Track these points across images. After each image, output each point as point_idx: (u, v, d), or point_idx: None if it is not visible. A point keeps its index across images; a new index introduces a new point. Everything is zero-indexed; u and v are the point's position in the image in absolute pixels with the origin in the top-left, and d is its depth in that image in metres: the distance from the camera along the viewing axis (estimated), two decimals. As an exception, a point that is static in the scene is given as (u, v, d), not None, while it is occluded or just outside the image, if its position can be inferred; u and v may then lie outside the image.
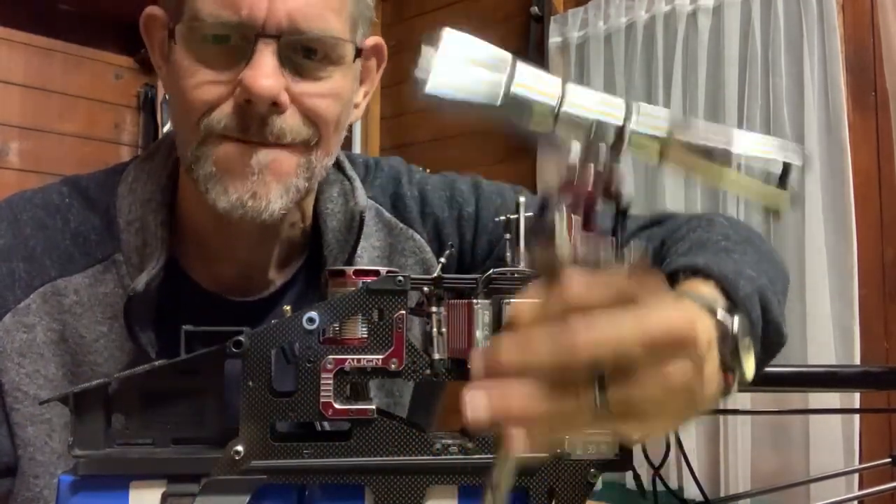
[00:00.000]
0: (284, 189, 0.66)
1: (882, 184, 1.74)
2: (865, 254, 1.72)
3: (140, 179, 0.73)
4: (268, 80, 0.62)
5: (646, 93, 2.06)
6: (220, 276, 0.75)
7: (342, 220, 0.76)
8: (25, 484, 0.70)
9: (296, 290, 0.77)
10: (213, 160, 0.65)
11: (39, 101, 2.39)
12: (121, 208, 0.72)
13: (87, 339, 0.70)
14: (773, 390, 0.65)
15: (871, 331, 1.70)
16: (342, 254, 0.75)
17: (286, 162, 0.66)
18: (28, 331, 0.69)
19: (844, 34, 1.78)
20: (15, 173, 2.34)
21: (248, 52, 0.63)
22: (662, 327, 0.39)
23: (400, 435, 0.51)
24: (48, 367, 0.70)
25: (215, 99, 0.64)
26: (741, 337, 0.48)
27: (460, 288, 0.54)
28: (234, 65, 0.63)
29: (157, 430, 0.52)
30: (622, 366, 0.39)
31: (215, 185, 0.65)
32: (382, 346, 0.51)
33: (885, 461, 0.69)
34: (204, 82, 0.64)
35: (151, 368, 0.52)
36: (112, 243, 0.72)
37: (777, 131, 1.81)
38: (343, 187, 0.78)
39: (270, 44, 0.63)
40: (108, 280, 0.71)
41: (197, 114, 0.64)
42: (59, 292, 0.70)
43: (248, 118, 0.64)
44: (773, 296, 0.59)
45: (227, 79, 0.64)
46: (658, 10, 2.03)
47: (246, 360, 0.50)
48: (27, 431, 0.69)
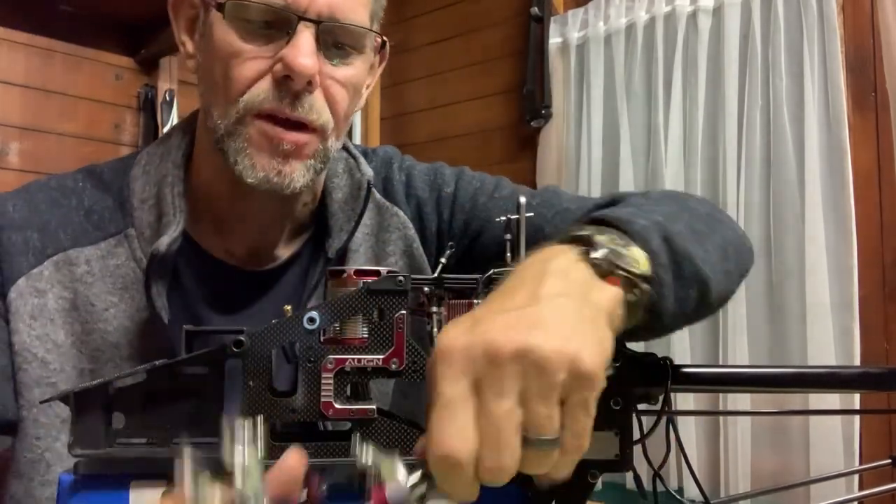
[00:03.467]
0: (305, 169, 0.72)
1: (882, 184, 1.75)
2: (865, 254, 1.72)
3: (153, 162, 0.78)
4: (307, 58, 0.68)
5: (646, 94, 2.06)
6: (231, 248, 0.80)
7: (347, 192, 0.82)
8: (28, 445, 0.72)
9: (302, 262, 0.82)
10: (246, 137, 0.71)
11: (39, 102, 2.39)
12: (134, 189, 0.77)
13: (97, 307, 0.74)
14: (773, 391, 0.65)
15: (871, 331, 1.70)
16: (348, 223, 0.81)
17: (309, 146, 0.72)
18: (40, 296, 0.73)
19: (844, 34, 1.78)
20: (15, 173, 2.34)
21: (289, 32, 0.69)
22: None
23: (400, 434, 0.51)
24: (57, 332, 0.73)
25: (256, 75, 0.70)
26: (604, 245, 0.52)
27: (460, 288, 0.54)
28: (272, 43, 0.70)
29: (157, 429, 0.52)
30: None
31: (244, 160, 0.71)
32: (383, 346, 0.51)
33: (886, 462, 0.69)
34: (247, 59, 0.70)
35: (152, 368, 0.52)
36: (125, 220, 0.76)
37: (777, 131, 1.81)
38: (348, 164, 0.84)
39: (310, 27, 0.69)
40: (121, 253, 0.75)
41: (239, 87, 0.70)
42: (71, 261, 0.74)
43: (284, 93, 0.70)
44: (686, 237, 0.59)
45: (267, 55, 0.70)
46: (658, 10, 2.03)
47: (246, 359, 0.50)
48: (33, 393, 0.72)
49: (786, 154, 1.79)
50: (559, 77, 2.25)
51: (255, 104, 0.70)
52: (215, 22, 0.71)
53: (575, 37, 2.21)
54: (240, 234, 0.80)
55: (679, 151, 1.96)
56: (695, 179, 1.93)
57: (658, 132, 1.99)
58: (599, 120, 2.13)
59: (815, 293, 1.70)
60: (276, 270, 0.81)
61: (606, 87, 2.14)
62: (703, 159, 1.93)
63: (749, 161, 1.84)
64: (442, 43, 2.64)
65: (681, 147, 1.96)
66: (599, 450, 0.53)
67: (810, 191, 1.74)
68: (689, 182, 1.94)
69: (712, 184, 1.92)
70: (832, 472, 1.55)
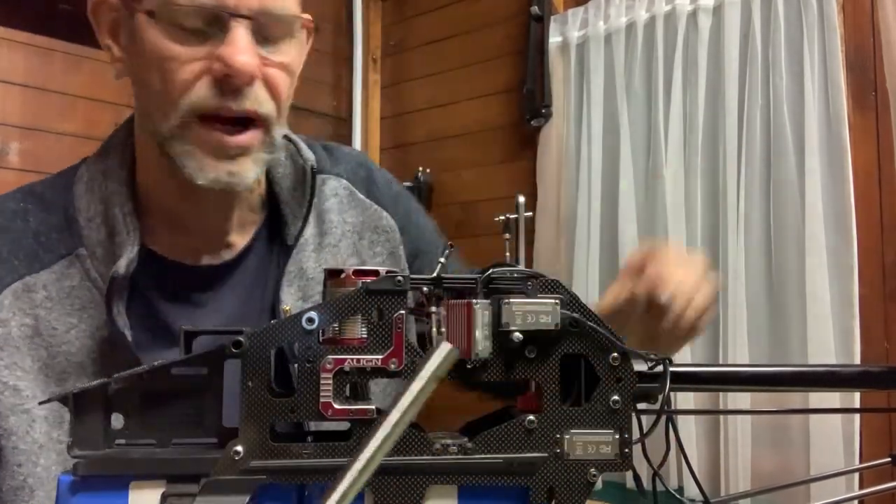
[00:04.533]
0: (254, 163, 0.73)
1: (882, 184, 1.74)
2: (865, 254, 1.72)
3: (96, 179, 0.78)
4: (246, 55, 0.69)
5: (646, 93, 2.06)
6: (185, 244, 0.80)
7: (293, 179, 0.84)
8: (10, 472, 0.72)
9: (258, 251, 0.84)
10: (192, 140, 0.71)
11: (39, 101, 2.39)
12: (80, 207, 0.76)
13: (59, 330, 0.73)
14: (773, 390, 0.65)
15: (871, 331, 1.70)
16: (300, 209, 0.83)
17: (255, 141, 0.73)
18: (3, 325, 0.73)
19: (844, 34, 1.78)
20: (15, 173, 2.34)
21: (223, 30, 0.69)
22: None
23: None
24: (24, 359, 0.73)
25: (193, 77, 0.69)
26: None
27: (460, 288, 0.54)
28: (206, 43, 0.69)
29: (157, 430, 0.52)
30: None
31: (192, 163, 0.71)
32: (382, 347, 0.51)
33: (886, 461, 0.69)
34: (181, 61, 0.69)
35: (151, 368, 0.52)
36: (73, 239, 0.76)
37: (777, 131, 1.81)
38: (289, 150, 0.85)
39: (243, 23, 0.69)
40: (74, 274, 0.75)
41: (178, 91, 0.69)
42: (29, 288, 0.74)
43: (226, 90, 0.70)
44: None
45: (201, 55, 0.69)
46: (658, 9, 2.03)
47: (245, 360, 0.50)
48: (9, 421, 0.71)
49: (786, 153, 1.79)
50: (559, 76, 2.25)
51: (197, 106, 0.70)
52: (144, 26, 0.70)
53: (575, 36, 2.21)
54: (194, 229, 0.80)
55: (679, 150, 1.96)
56: (694, 179, 1.93)
57: (658, 131, 1.99)
58: (599, 119, 2.13)
59: (815, 293, 1.70)
60: (232, 263, 0.82)
61: (606, 87, 2.13)
62: (703, 158, 1.93)
63: (749, 160, 1.84)
64: (442, 42, 2.64)
65: (681, 146, 1.96)
66: (599, 449, 0.53)
67: (810, 190, 1.74)
68: (689, 181, 1.93)
69: (712, 183, 1.92)
70: (832, 470, 1.55)
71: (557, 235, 2.19)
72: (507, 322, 0.51)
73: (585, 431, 0.53)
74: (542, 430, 0.52)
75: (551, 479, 0.52)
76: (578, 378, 0.54)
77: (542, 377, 0.53)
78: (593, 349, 0.53)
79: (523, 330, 0.51)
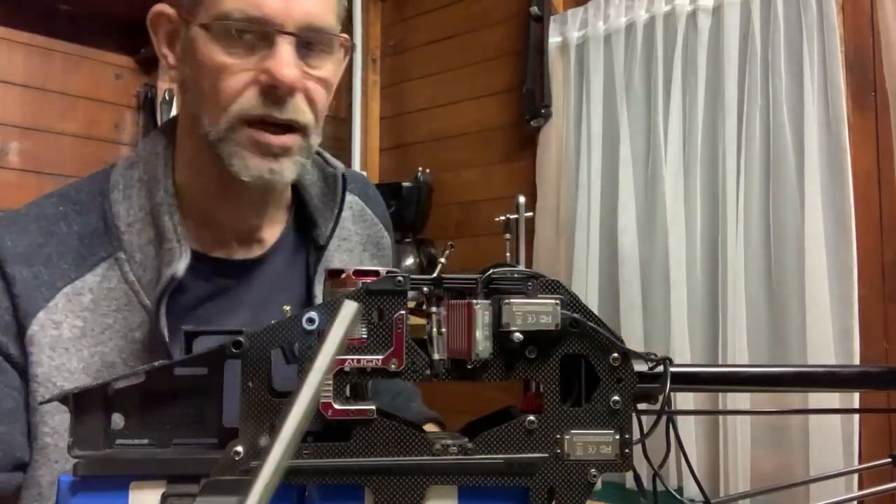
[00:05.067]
0: (293, 164, 0.80)
1: (882, 184, 1.74)
2: (865, 254, 1.72)
3: (133, 186, 0.83)
4: (290, 69, 0.76)
5: (645, 93, 2.06)
6: (219, 239, 0.86)
7: (321, 185, 0.92)
8: (50, 469, 0.76)
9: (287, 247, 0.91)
10: (239, 142, 0.78)
11: (39, 101, 2.39)
12: (118, 213, 0.81)
13: (96, 331, 0.78)
14: (773, 390, 0.65)
15: (871, 331, 1.70)
16: (330, 212, 0.91)
17: (295, 143, 0.80)
18: (56, 327, 0.77)
19: (844, 34, 1.78)
20: (15, 173, 2.34)
21: (270, 44, 0.76)
22: None
23: (400, 435, 0.51)
24: (71, 361, 0.77)
25: (242, 86, 0.76)
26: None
27: (460, 288, 0.54)
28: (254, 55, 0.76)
29: (157, 430, 0.52)
30: None
31: (240, 161, 0.78)
32: (382, 347, 0.51)
33: (885, 461, 0.69)
34: (232, 71, 0.76)
35: (151, 368, 0.52)
36: (113, 243, 0.81)
37: (777, 131, 1.81)
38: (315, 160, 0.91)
39: (288, 38, 0.76)
40: (112, 276, 0.80)
41: (228, 98, 0.76)
42: (78, 292, 0.79)
43: (270, 99, 0.76)
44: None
45: (249, 67, 0.76)
46: (658, 10, 2.03)
47: (245, 360, 0.50)
48: (55, 419, 0.76)
49: (785, 153, 1.79)
50: (559, 76, 2.25)
51: (245, 112, 0.77)
52: (199, 38, 0.77)
53: (575, 36, 2.21)
54: (228, 225, 0.86)
55: (679, 151, 1.96)
56: (694, 179, 1.93)
57: (658, 131, 1.99)
58: (599, 119, 2.13)
59: (814, 293, 1.70)
60: (262, 257, 0.89)
61: (606, 87, 2.13)
62: (703, 158, 1.93)
63: (748, 160, 1.84)
64: (442, 42, 2.64)
65: (680, 146, 1.96)
66: (599, 449, 0.53)
67: (810, 190, 1.74)
68: (689, 181, 1.93)
69: (712, 183, 1.92)
70: (832, 471, 1.55)
71: (557, 235, 2.19)
72: (508, 322, 0.51)
73: (586, 432, 0.53)
74: (543, 431, 0.52)
75: (551, 479, 0.52)
76: (579, 378, 0.54)
77: (542, 377, 0.53)
78: (593, 349, 0.53)
79: (524, 330, 0.51)
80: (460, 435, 0.55)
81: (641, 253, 1.99)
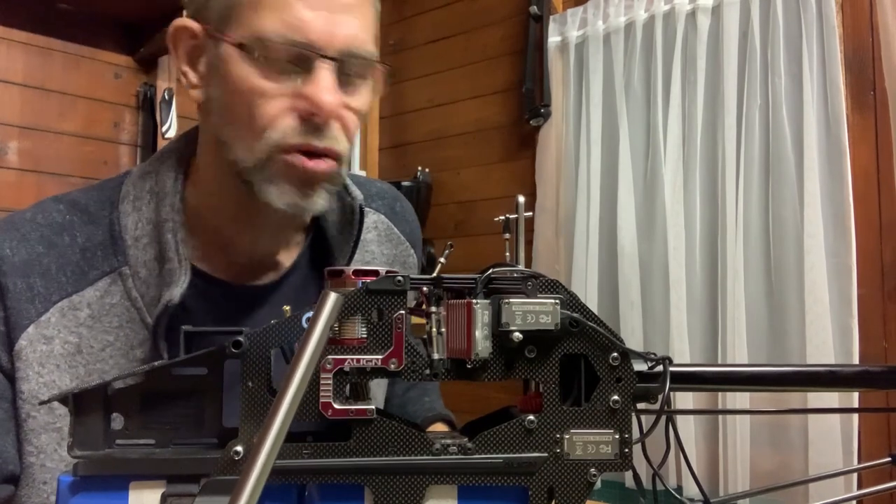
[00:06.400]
0: (326, 193, 0.76)
1: (881, 183, 1.75)
2: (864, 253, 1.72)
3: (143, 199, 0.79)
4: (331, 95, 0.71)
5: (645, 92, 2.06)
6: (233, 264, 0.82)
7: (339, 214, 0.87)
8: (35, 490, 0.73)
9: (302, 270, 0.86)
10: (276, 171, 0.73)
11: (39, 101, 2.39)
12: (126, 225, 0.77)
13: (95, 349, 0.75)
14: (773, 390, 0.65)
15: (870, 330, 1.70)
16: (346, 245, 0.85)
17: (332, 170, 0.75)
18: (47, 342, 0.73)
19: (844, 34, 1.78)
20: (14, 172, 2.33)
21: (308, 69, 0.71)
22: None
23: (399, 435, 0.51)
24: (63, 378, 0.73)
25: (278, 111, 0.71)
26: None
27: (459, 288, 0.54)
28: (291, 80, 0.71)
29: (157, 430, 0.52)
30: None
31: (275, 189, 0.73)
32: (382, 347, 0.51)
33: (885, 461, 0.69)
34: (269, 96, 0.71)
35: (151, 368, 0.52)
36: (118, 257, 0.77)
37: (776, 131, 1.81)
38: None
39: (328, 63, 0.71)
40: (115, 292, 0.76)
41: (264, 124, 0.71)
42: (74, 307, 0.75)
43: (309, 127, 0.72)
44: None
45: (287, 91, 0.71)
46: (657, 9, 2.03)
47: (245, 360, 0.50)
48: (41, 439, 0.73)
49: (785, 153, 1.79)
50: (558, 76, 2.25)
51: (283, 141, 0.72)
52: (231, 58, 0.71)
53: (574, 35, 2.21)
54: (243, 250, 0.82)
55: (678, 150, 1.96)
56: (693, 178, 1.93)
57: (657, 131, 1.99)
58: (598, 118, 2.13)
59: (814, 292, 1.70)
60: (276, 282, 0.84)
61: (605, 86, 2.13)
62: (702, 158, 1.93)
63: (748, 160, 1.84)
64: (441, 42, 2.64)
65: (680, 146, 1.96)
66: (599, 449, 0.53)
67: (809, 190, 1.74)
68: (688, 180, 1.93)
69: (711, 182, 1.92)
70: (831, 470, 1.56)
71: (557, 235, 2.19)
72: (507, 322, 0.51)
73: (585, 431, 0.53)
74: (542, 430, 0.52)
75: (551, 479, 0.52)
76: (578, 378, 0.54)
77: (541, 377, 0.53)
78: (593, 349, 0.53)
79: (523, 330, 0.51)
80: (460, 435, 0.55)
81: (641, 252, 1.99)
